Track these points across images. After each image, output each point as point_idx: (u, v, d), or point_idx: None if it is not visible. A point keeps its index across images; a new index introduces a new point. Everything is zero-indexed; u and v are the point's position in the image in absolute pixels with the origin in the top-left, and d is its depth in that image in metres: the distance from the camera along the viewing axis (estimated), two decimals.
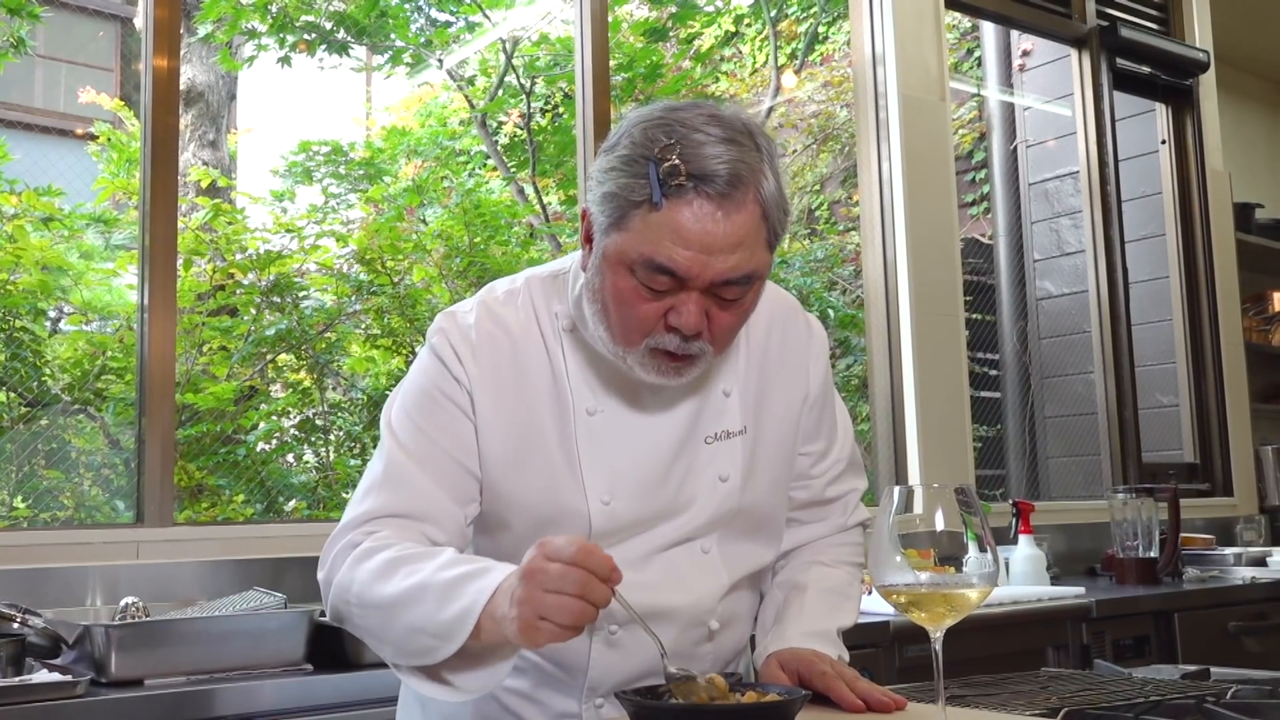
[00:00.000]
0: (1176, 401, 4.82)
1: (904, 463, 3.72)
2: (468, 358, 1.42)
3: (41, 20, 4.17)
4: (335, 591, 1.36)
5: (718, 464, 1.47)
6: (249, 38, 4.96)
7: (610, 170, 1.32)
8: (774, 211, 1.32)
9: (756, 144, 1.31)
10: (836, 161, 6.40)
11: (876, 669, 2.57)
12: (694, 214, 1.27)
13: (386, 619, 1.29)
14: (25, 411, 3.69)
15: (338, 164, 5.29)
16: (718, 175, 1.27)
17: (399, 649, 1.30)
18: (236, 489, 4.02)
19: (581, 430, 1.42)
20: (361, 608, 1.33)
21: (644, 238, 1.28)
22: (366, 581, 1.31)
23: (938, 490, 1.20)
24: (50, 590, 2.35)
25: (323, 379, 4.42)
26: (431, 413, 1.42)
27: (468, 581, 1.23)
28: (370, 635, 1.34)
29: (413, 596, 1.26)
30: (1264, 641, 3.44)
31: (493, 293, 1.49)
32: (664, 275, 1.29)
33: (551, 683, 1.44)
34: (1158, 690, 1.45)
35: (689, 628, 1.45)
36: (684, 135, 1.28)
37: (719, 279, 1.29)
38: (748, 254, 1.30)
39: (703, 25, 6.62)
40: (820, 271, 5.81)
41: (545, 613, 1.13)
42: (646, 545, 1.43)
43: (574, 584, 1.13)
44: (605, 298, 1.34)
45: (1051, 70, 5.01)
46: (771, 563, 1.58)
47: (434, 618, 1.24)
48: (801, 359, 1.57)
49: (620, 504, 1.41)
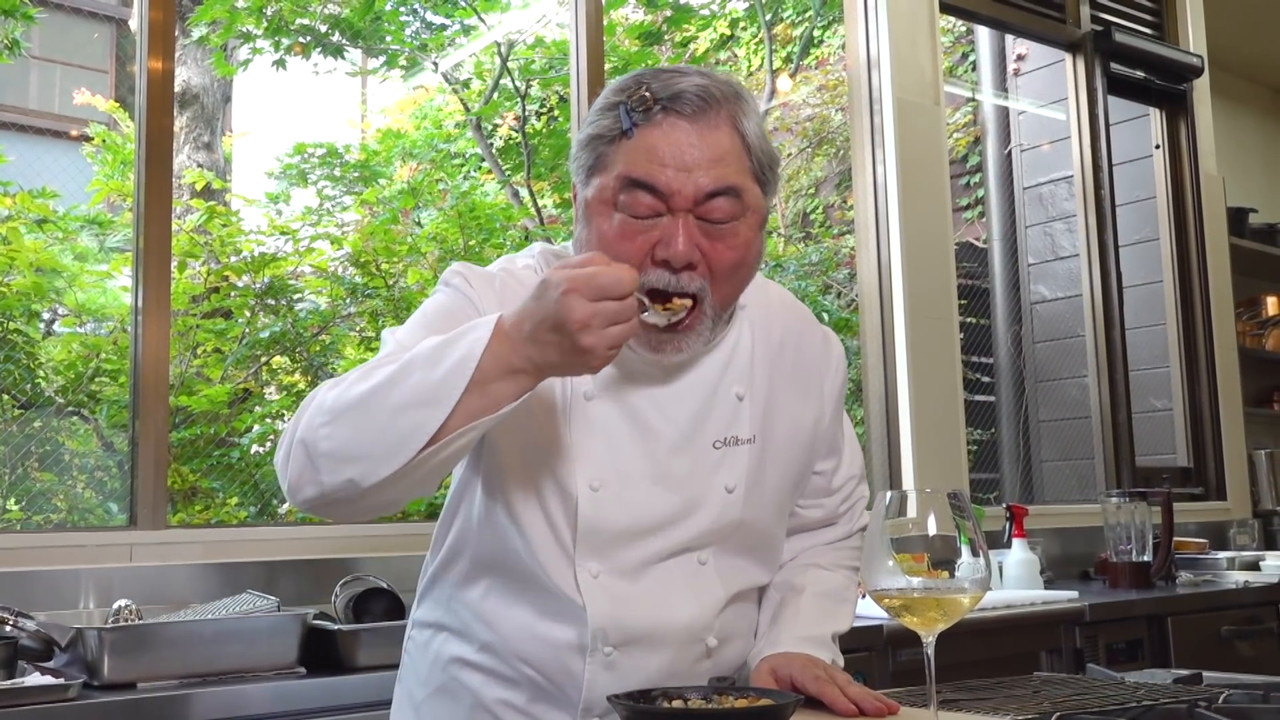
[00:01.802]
0: (1170, 406, 4.83)
1: (898, 466, 3.73)
2: (486, 293, 1.36)
3: (36, 21, 4.17)
4: (303, 426, 1.21)
5: (724, 472, 1.41)
6: (244, 40, 4.96)
7: (588, 125, 1.31)
8: (756, 145, 1.30)
9: (736, 90, 1.31)
10: (831, 165, 6.41)
11: (869, 673, 2.57)
12: (665, 132, 1.26)
13: (364, 414, 1.16)
14: (18, 414, 3.68)
15: (332, 166, 5.29)
16: (686, 94, 1.26)
17: (380, 445, 1.15)
18: (230, 492, 4.02)
19: (576, 413, 1.36)
20: (334, 416, 1.18)
21: (620, 164, 1.27)
22: (342, 390, 1.20)
23: (930, 495, 1.20)
24: (42, 593, 2.34)
25: (317, 381, 4.41)
26: (443, 314, 1.35)
27: (459, 337, 1.16)
28: (342, 450, 1.17)
29: (398, 375, 1.16)
30: (1257, 646, 3.45)
31: (512, 262, 1.45)
32: (643, 192, 1.26)
33: (546, 698, 1.40)
34: (1150, 694, 1.46)
35: (686, 645, 1.40)
36: (654, 73, 1.29)
37: (701, 193, 1.25)
38: (730, 170, 1.27)
39: (698, 29, 6.62)
40: (815, 275, 5.82)
41: (595, 334, 1.10)
42: (642, 554, 1.38)
43: (603, 316, 1.10)
44: (590, 245, 1.31)
45: (1046, 75, 5.02)
46: (769, 578, 1.53)
47: (425, 382, 1.14)
48: (817, 375, 1.51)
49: (609, 494, 1.35)
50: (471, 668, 1.42)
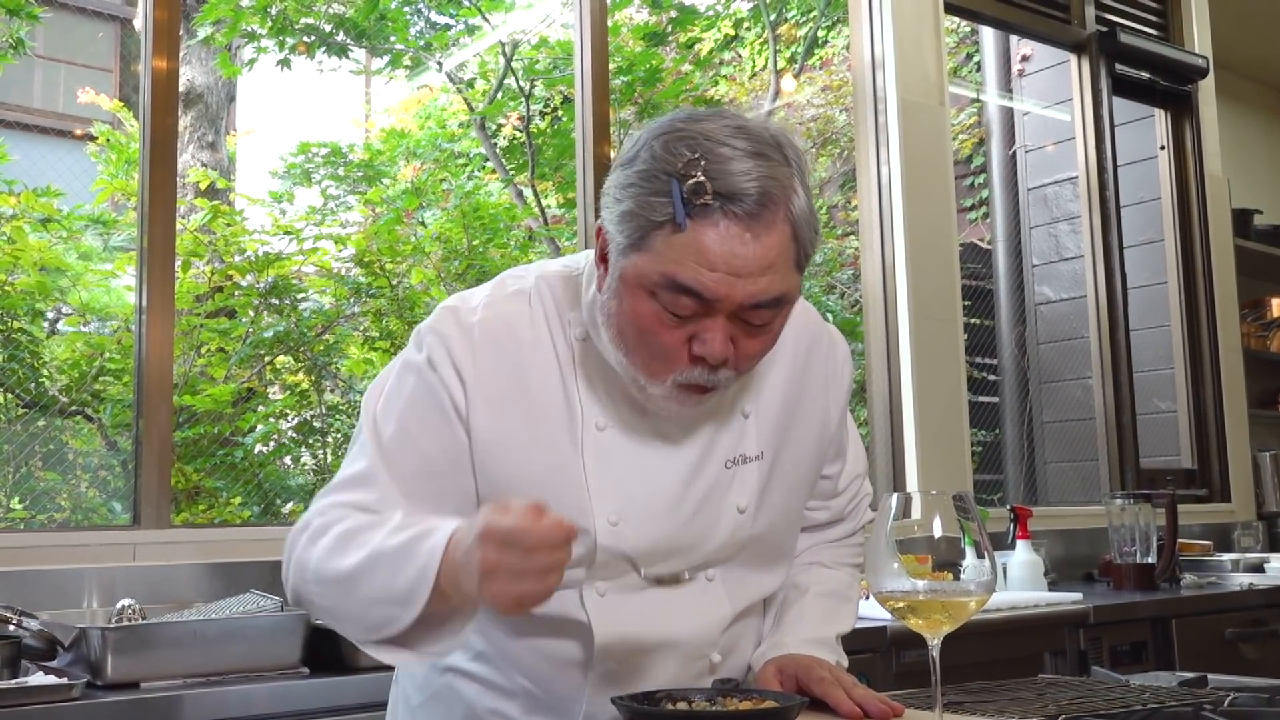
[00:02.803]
0: (1174, 407, 4.82)
1: (902, 468, 3.72)
2: (465, 359, 1.31)
3: (41, 21, 4.18)
4: (294, 573, 1.32)
5: (735, 492, 1.39)
6: (248, 40, 4.96)
7: (628, 186, 1.21)
8: (804, 230, 1.23)
9: (786, 157, 1.22)
10: (835, 166, 6.40)
11: (874, 675, 2.57)
12: (720, 235, 1.17)
13: (344, 594, 1.25)
14: (22, 413, 3.69)
15: (336, 166, 5.30)
16: (746, 194, 1.17)
17: (360, 623, 1.26)
18: (234, 491, 4.02)
19: (590, 446, 1.33)
20: (320, 585, 1.28)
21: (666, 259, 1.19)
22: (321, 559, 1.27)
23: (935, 496, 1.19)
24: (46, 592, 2.34)
25: (321, 381, 4.42)
26: (419, 417, 1.32)
27: (418, 542, 1.18)
28: (331, 614, 1.30)
29: (366, 567, 1.22)
30: (1261, 648, 3.44)
31: (502, 289, 1.38)
32: (688, 298, 1.19)
33: (541, 709, 1.38)
34: (1155, 697, 1.45)
35: (690, 660, 1.39)
36: (709, 149, 1.18)
37: (747, 302, 1.20)
38: (777, 276, 1.21)
39: (702, 29, 6.63)
40: (819, 276, 5.82)
41: (519, 593, 1.08)
42: (653, 574, 1.36)
43: (536, 570, 1.08)
44: (623, 323, 1.25)
45: (1051, 75, 5.02)
46: (777, 589, 1.51)
47: (391, 585, 1.19)
48: (824, 381, 1.49)
49: (629, 527, 1.33)
50: (466, 677, 1.42)
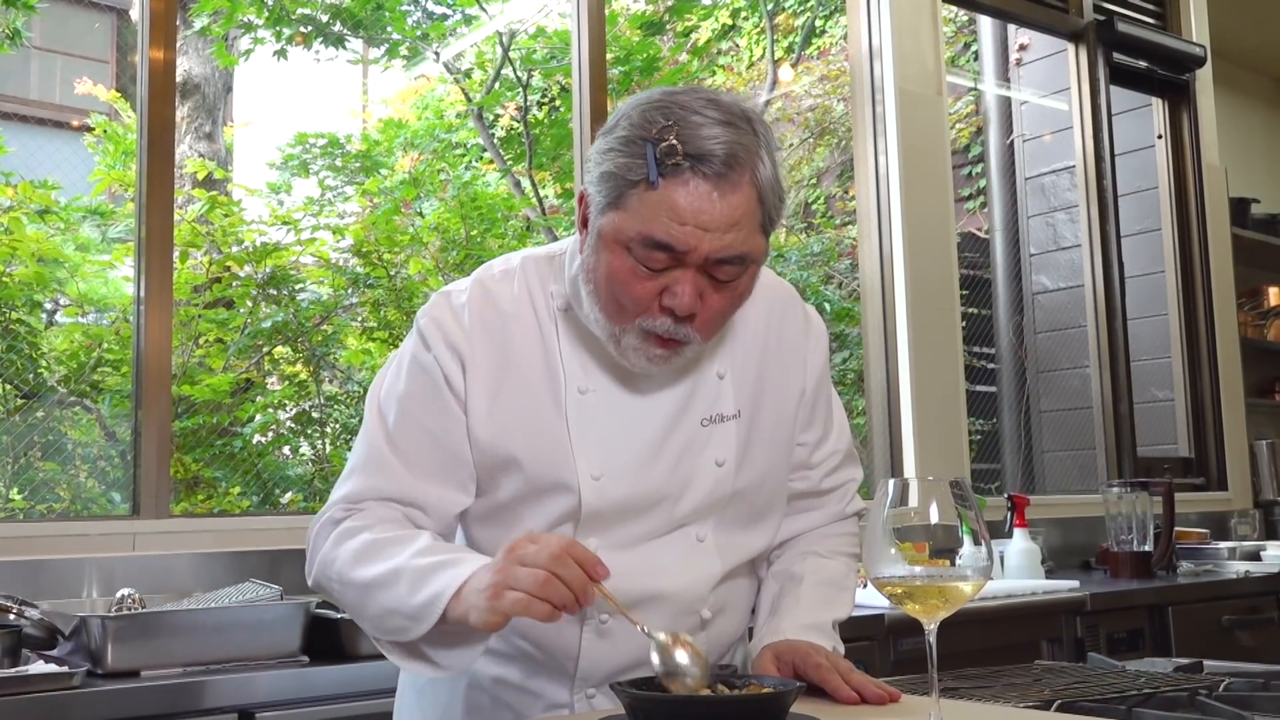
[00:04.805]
0: (1171, 396, 4.83)
1: (899, 456, 3.73)
2: (459, 341, 1.43)
3: (37, 11, 4.17)
4: (318, 567, 1.43)
5: (713, 447, 1.47)
6: (245, 30, 4.95)
7: (608, 151, 1.33)
8: (769, 196, 1.34)
9: (754, 129, 1.33)
10: (833, 155, 6.40)
11: (871, 661, 2.58)
12: (690, 193, 1.29)
13: (364, 598, 1.36)
14: (21, 403, 3.69)
15: (334, 156, 5.28)
16: (714, 155, 1.28)
17: (375, 626, 1.37)
18: (232, 481, 4.02)
19: (573, 407, 1.42)
20: (342, 585, 1.39)
21: (641, 216, 1.30)
22: (348, 561, 1.37)
23: (933, 483, 1.20)
24: (46, 582, 2.35)
25: (319, 371, 4.42)
26: (420, 398, 1.44)
27: (440, 570, 1.29)
28: (350, 610, 1.42)
29: (388, 580, 1.32)
30: (1257, 635, 3.45)
31: (489, 271, 1.50)
32: (660, 251, 1.30)
33: (543, 672, 1.45)
34: (1151, 683, 1.46)
35: (680, 615, 1.45)
36: (682, 117, 1.30)
37: (714, 256, 1.31)
38: (742, 234, 1.32)
39: (700, 19, 6.61)
40: (816, 265, 5.82)
41: (514, 582, 1.18)
42: (640, 529, 1.44)
43: (548, 558, 1.18)
44: (600, 277, 1.35)
45: (1048, 65, 5.02)
46: (766, 550, 1.58)
47: (406, 601, 1.30)
48: (799, 350, 1.57)
49: (611, 481, 1.41)
50: None
